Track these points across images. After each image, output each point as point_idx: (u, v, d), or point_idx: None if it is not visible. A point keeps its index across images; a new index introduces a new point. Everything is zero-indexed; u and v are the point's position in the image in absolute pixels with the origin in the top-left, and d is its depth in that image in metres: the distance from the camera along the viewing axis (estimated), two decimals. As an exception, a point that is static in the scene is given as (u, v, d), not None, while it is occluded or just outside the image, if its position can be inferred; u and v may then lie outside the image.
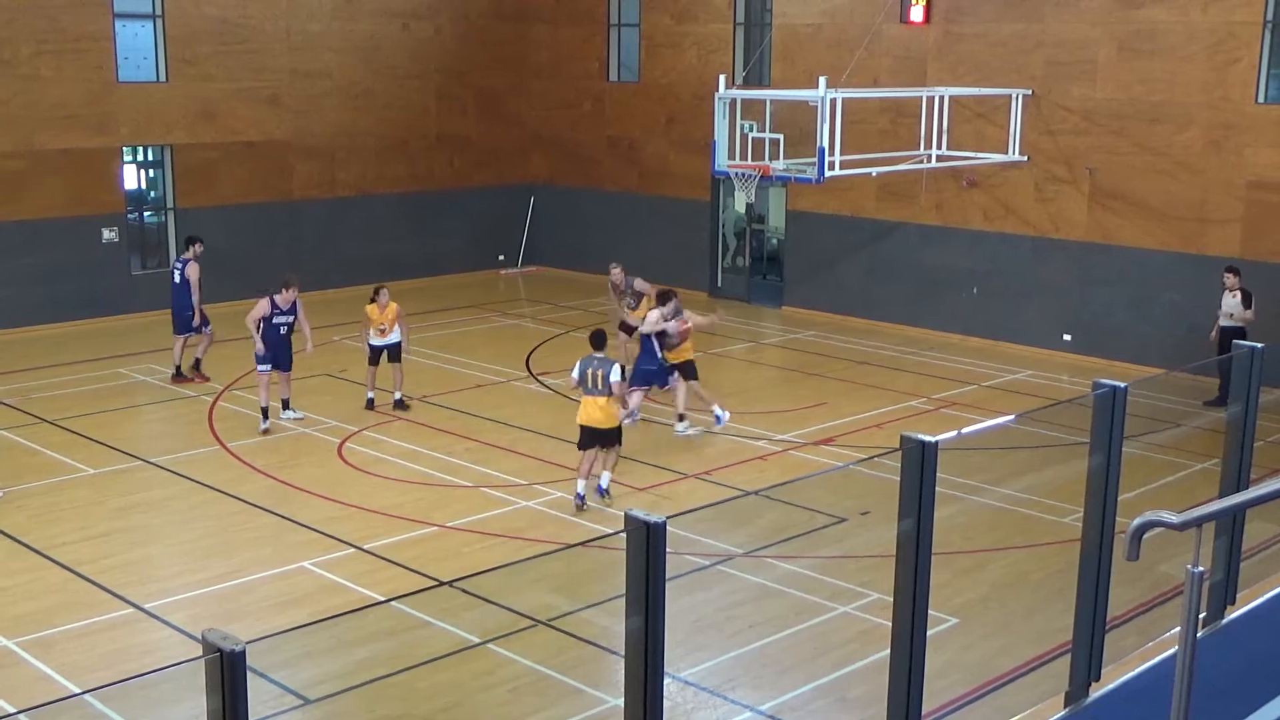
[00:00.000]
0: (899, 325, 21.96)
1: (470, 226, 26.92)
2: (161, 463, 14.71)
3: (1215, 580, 8.03)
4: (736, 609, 11.08)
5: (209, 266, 23.14)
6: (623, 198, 26.33)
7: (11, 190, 21.21)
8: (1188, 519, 4.86)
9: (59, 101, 21.48)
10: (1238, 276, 17.45)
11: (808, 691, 9.62)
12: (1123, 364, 19.07)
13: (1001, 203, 21.00)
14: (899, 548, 6.19)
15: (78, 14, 21.46)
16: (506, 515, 13.24)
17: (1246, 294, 17.33)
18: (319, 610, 10.69)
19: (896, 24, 21.63)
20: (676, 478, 14.38)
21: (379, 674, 9.78)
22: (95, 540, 12.39)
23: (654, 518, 5.11)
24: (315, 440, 15.65)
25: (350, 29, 24.72)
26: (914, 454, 6.04)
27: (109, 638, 10.32)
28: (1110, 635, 7.42)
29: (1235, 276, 17.45)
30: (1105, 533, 7.08)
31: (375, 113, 25.29)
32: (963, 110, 20.72)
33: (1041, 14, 20.14)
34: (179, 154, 23.00)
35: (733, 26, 24.21)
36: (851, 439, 16.00)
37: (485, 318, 23.19)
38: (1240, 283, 17.38)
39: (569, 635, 10.50)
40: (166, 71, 22.66)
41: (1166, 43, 18.98)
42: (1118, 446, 7.03)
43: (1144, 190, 19.46)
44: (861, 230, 22.67)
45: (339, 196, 25.01)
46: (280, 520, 13.02)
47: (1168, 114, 19.09)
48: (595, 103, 26.65)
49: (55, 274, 21.58)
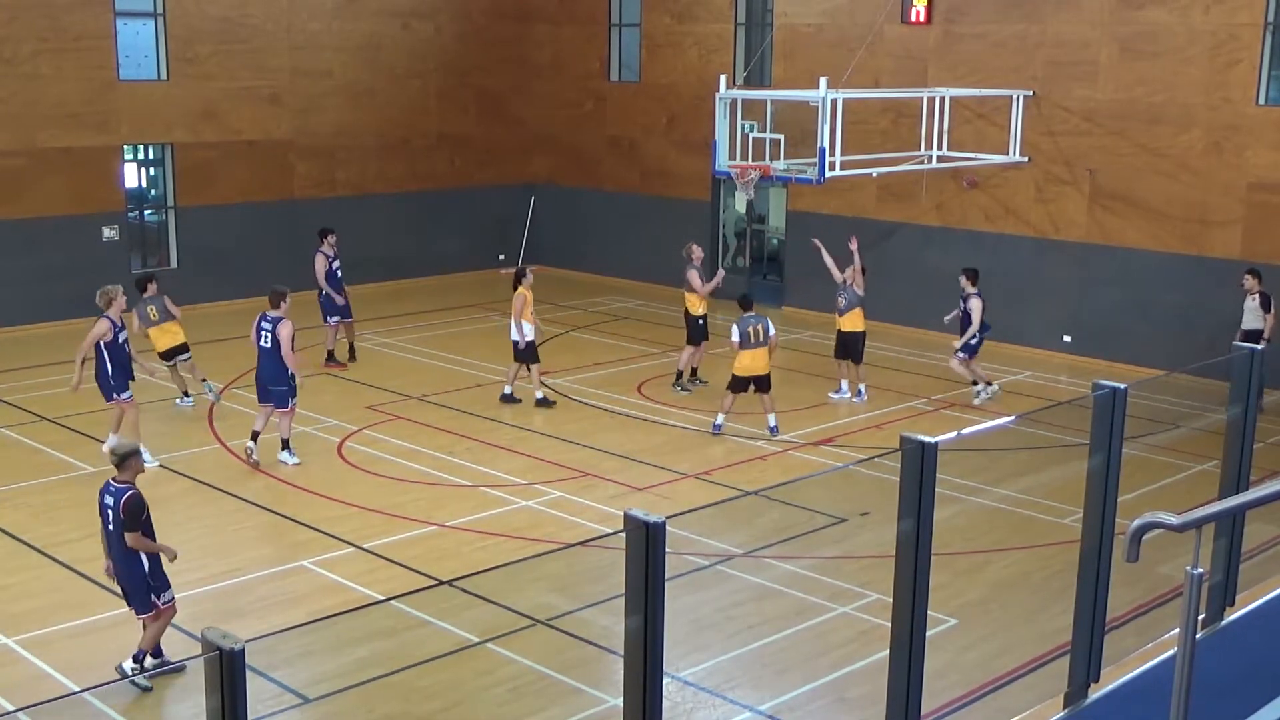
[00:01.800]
0: (899, 326, 21.96)
1: (471, 226, 26.92)
2: (161, 461, 14.71)
3: (1214, 582, 8.03)
4: (736, 609, 11.08)
5: (208, 265, 23.24)
6: (623, 197, 26.33)
7: (12, 189, 21.21)
8: (1187, 520, 4.86)
9: (60, 100, 21.49)
10: (1259, 280, 17.14)
11: (807, 692, 9.62)
12: (1123, 365, 19.08)
13: (1002, 203, 21.00)
14: (899, 548, 6.19)
15: (79, 12, 21.46)
16: (506, 515, 13.24)
17: (1265, 297, 17.02)
18: (318, 609, 10.69)
19: (897, 24, 21.63)
20: (676, 478, 14.38)
21: (378, 673, 9.78)
22: (95, 538, 12.27)
23: (653, 517, 5.11)
24: (315, 439, 15.65)
25: (351, 28, 24.72)
26: (914, 454, 6.04)
27: (108, 636, 10.32)
28: (1109, 636, 7.43)
29: (1256, 280, 17.13)
30: (1105, 534, 7.08)
31: (376, 112, 25.30)
32: (963, 111, 20.73)
33: (1042, 15, 20.15)
34: (179, 153, 23.00)
35: (734, 26, 24.21)
36: (851, 439, 16.00)
37: (485, 317, 23.18)
38: (1261, 286, 17.09)
39: (568, 635, 10.50)
40: (167, 70, 22.66)
41: (1167, 44, 18.98)
42: (1118, 447, 7.03)
43: (1145, 191, 19.46)
44: (862, 230, 22.62)
45: (339, 196, 25.02)
46: (280, 519, 13.02)
47: (1168, 115, 19.09)
48: (596, 102, 26.65)
49: (56, 272, 21.57)
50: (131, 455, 9.66)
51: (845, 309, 17.43)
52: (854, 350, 17.53)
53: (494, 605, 10.67)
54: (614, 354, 20.25)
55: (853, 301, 17.41)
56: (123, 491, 9.43)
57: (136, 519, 9.38)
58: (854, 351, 17.54)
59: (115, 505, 9.42)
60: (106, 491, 9.58)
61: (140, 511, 9.42)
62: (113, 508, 9.45)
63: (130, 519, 9.36)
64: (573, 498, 13.70)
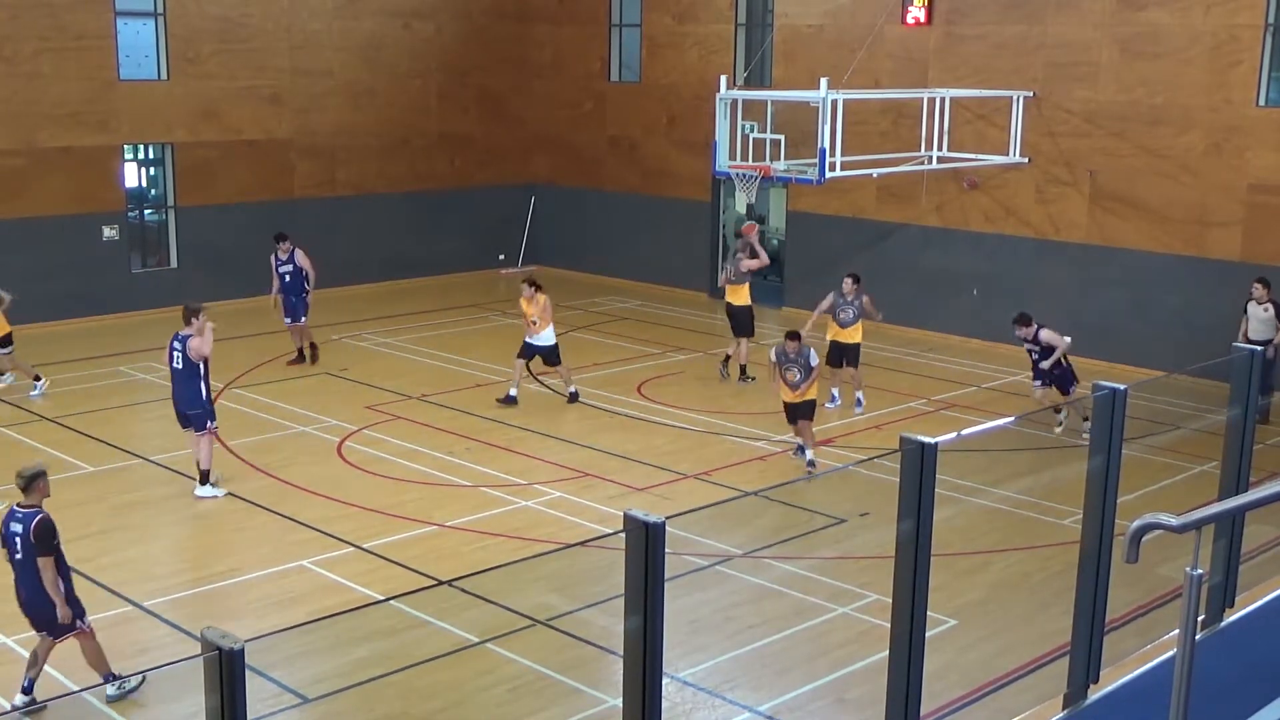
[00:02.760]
0: (899, 326, 21.96)
1: (471, 226, 26.92)
2: (161, 460, 14.72)
3: (1214, 583, 8.02)
4: (735, 609, 11.08)
5: (208, 265, 23.23)
6: (623, 198, 26.33)
7: (12, 188, 21.21)
8: (1187, 521, 4.86)
9: (60, 99, 21.48)
10: (1268, 289, 16.78)
11: (806, 692, 9.62)
12: (1123, 366, 19.06)
13: (1002, 204, 21.00)
14: (898, 549, 6.19)
15: (79, 12, 21.46)
16: (505, 515, 13.24)
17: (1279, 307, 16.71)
18: (318, 609, 10.69)
19: (898, 25, 21.63)
20: (676, 478, 14.38)
21: (378, 673, 9.78)
22: (94, 538, 12.39)
23: (653, 518, 5.11)
24: (314, 439, 15.65)
25: (352, 28, 24.72)
26: (914, 455, 6.04)
27: (107, 635, 10.29)
28: (1109, 637, 7.42)
29: (1265, 288, 16.77)
30: (1105, 535, 7.07)
31: (376, 112, 25.29)
32: (964, 112, 20.73)
33: (1043, 16, 20.14)
34: (180, 152, 23.00)
35: (734, 27, 24.21)
36: (851, 440, 16.00)
37: (485, 317, 23.19)
38: (1270, 295, 16.75)
39: (568, 635, 10.50)
40: (168, 70, 22.66)
41: (1168, 45, 18.98)
42: (1117, 448, 7.02)
43: (1145, 193, 19.45)
44: (862, 231, 22.68)
45: (340, 195, 25.01)
46: (279, 519, 13.02)
47: (1169, 116, 19.08)
48: (596, 103, 26.65)
49: (55, 271, 21.57)
50: (38, 477, 9.19)
51: (849, 322, 17.08)
52: (853, 358, 17.31)
53: (494, 605, 10.67)
54: (614, 354, 20.25)
55: (858, 315, 17.08)
56: (31, 516, 8.98)
57: (49, 542, 8.93)
58: (853, 359, 17.32)
59: (24, 531, 8.95)
60: (12, 518, 9.07)
61: (52, 535, 8.98)
62: (20, 534, 8.98)
63: (42, 543, 8.89)
64: (572, 498, 13.70)
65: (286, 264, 18.99)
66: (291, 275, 18.98)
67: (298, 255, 18.99)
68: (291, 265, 18.96)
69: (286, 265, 18.99)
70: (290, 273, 18.97)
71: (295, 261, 18.96)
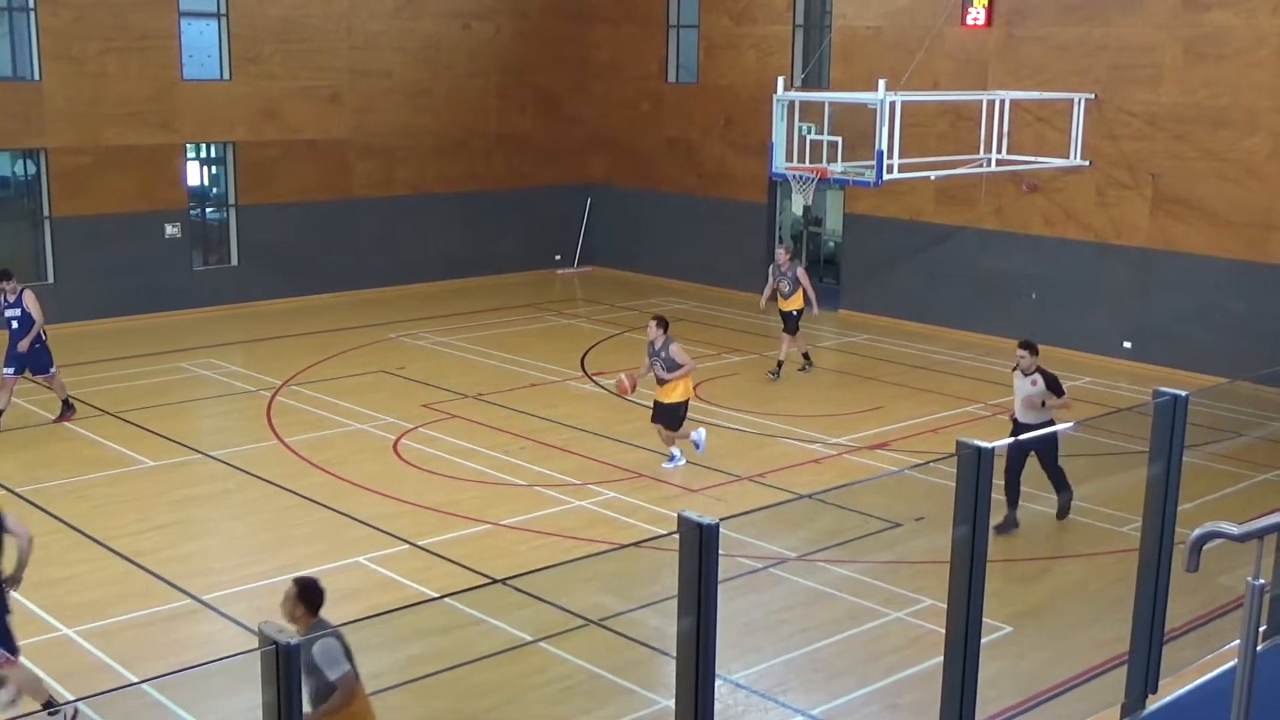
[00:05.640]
0: (956, 330, 21.81)
1: (527, 226, 27.02)
2: (220, 456, 14.88)
3: (1276, 593, 7.91)
4: (788, 612, 11.05)
5: (268, 263, 23.47)
6: (680, 199, 26.32)
7: (78, 185, 21.54)
8: (1248, 530, 4.80)
9: (124, 98, 21.79)
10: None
11: (859, 697, 9.58)
12: (1184, 372, 18.80)
13: (1062, 207, 20.80)
14: (953, 554, 6.15)
15: (144, 12, 21.76)
16: (560, 514, 13.27)
17: None
18: (372, 605, 10.77)
19: (957, 26, 21.48)
20: (730, 480, 14.36)
21: (431, 670, 9.83)
22: (155, 531, 12.56)
23: (707, 519, 5.11)
24: (371, 436, 15.77)
25: (411, 28, 24.89)
26: (970, 460, 6.00)
27: (167, 628, 10.46)
28: (1168, 647, 7.34)
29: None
30: (1164, 543, 7.00)
31: (435, 112, 25.45)
32: (1023, 114, 20.55)
33: (1105, 17, 19.92)
34: (241, 151, 23.25)
35: (792, 28, 24.14)
36: (907, 444, 15.90)
37: (540, 317, 23.26)
38: None
39: (621, 635, 10.51)
40: (230, 70, 22.92)
41: (1233, 46, 18.71)
42: (1178, 456, 6.94)
43: (1208, 196, 19.19)
44: (920, 234, 22.54)
45: (398, 195, 25.18)
46: (336, 515, 13.13)
47: (1233, 119, 18.81)
48: (654, 103, 26.66)
49: (119, 268, 21.88)
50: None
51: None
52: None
53: (546, 604, 10.70)
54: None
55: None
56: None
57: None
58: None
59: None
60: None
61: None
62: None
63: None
64: (626, 498, 13.71)
65: (13, 307, 15.58)
66: (19, 321, 15.53)
67: (25, 298, 15.61)
68: (19, 310, 15.55)
69: (13, 310, 15.57)
70: (18, 318, 15.54)
71: (23, 305, 15.56)
